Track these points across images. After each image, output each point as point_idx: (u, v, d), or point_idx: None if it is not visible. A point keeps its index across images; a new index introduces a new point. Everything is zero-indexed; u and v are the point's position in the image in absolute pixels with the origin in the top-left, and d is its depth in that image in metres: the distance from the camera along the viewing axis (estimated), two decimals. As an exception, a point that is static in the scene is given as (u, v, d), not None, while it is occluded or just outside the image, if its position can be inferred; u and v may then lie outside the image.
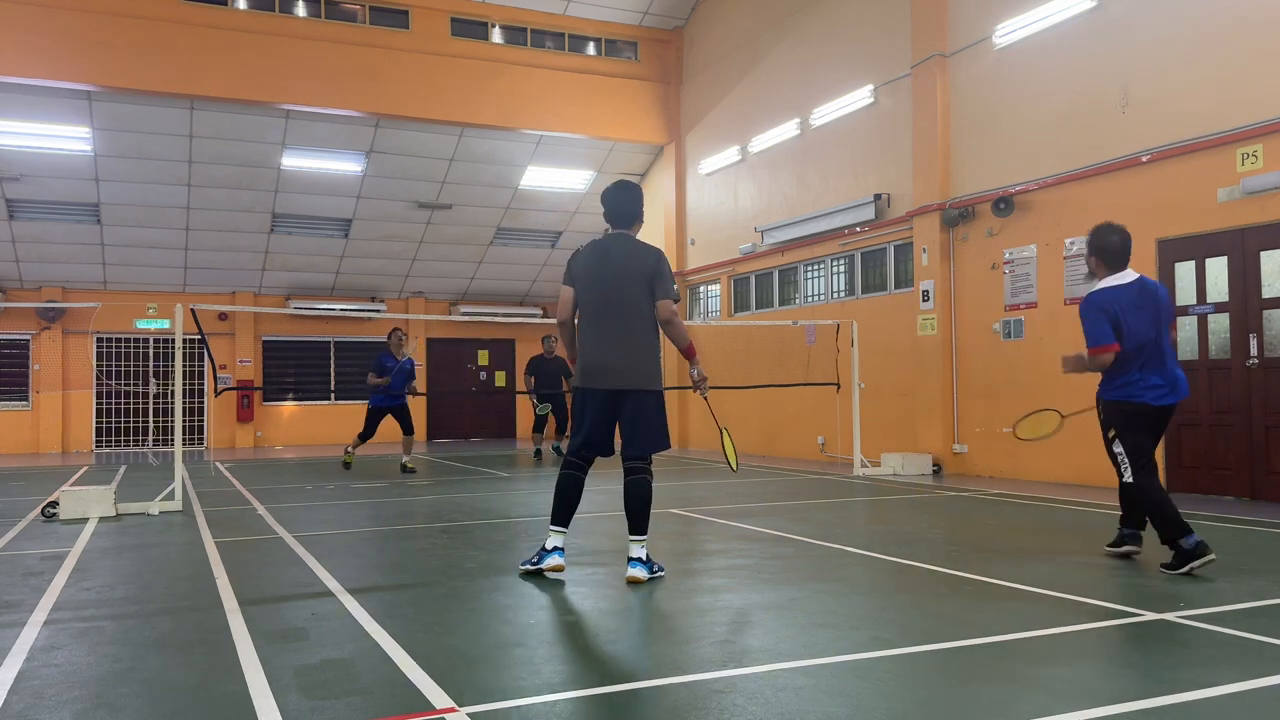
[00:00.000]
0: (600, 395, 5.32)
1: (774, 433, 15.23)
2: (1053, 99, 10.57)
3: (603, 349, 5.29)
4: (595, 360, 5.32)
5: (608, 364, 5.28)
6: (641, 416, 5.30)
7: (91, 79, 14.35)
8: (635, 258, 5.31)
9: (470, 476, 12.03)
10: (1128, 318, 5.55)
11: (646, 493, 5.29)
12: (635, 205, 5.50)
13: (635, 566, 5.23)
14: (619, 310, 5.28)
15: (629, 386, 5.28)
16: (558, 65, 17.29)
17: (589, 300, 5.37)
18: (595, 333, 5.33)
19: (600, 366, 5.30)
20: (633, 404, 5.30)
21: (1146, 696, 3.15)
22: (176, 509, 8.60)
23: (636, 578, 5.19)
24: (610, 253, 5.36)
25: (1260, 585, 4.92)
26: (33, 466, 14.78)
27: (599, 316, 5.33)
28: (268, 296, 19.94)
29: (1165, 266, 9.44)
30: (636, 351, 5.29)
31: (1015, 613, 4.41)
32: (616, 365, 5.27)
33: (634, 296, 5.27)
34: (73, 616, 4.56)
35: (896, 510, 8.33)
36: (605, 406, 5.33)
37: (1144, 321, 5.55)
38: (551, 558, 5.38)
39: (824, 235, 14.07)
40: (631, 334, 5.28)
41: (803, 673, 3.49)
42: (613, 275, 5.30)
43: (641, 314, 5.29)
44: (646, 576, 5.24)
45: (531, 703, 3.19)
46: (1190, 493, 9.15)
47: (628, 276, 5.28)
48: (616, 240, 5.42)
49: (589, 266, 5.39)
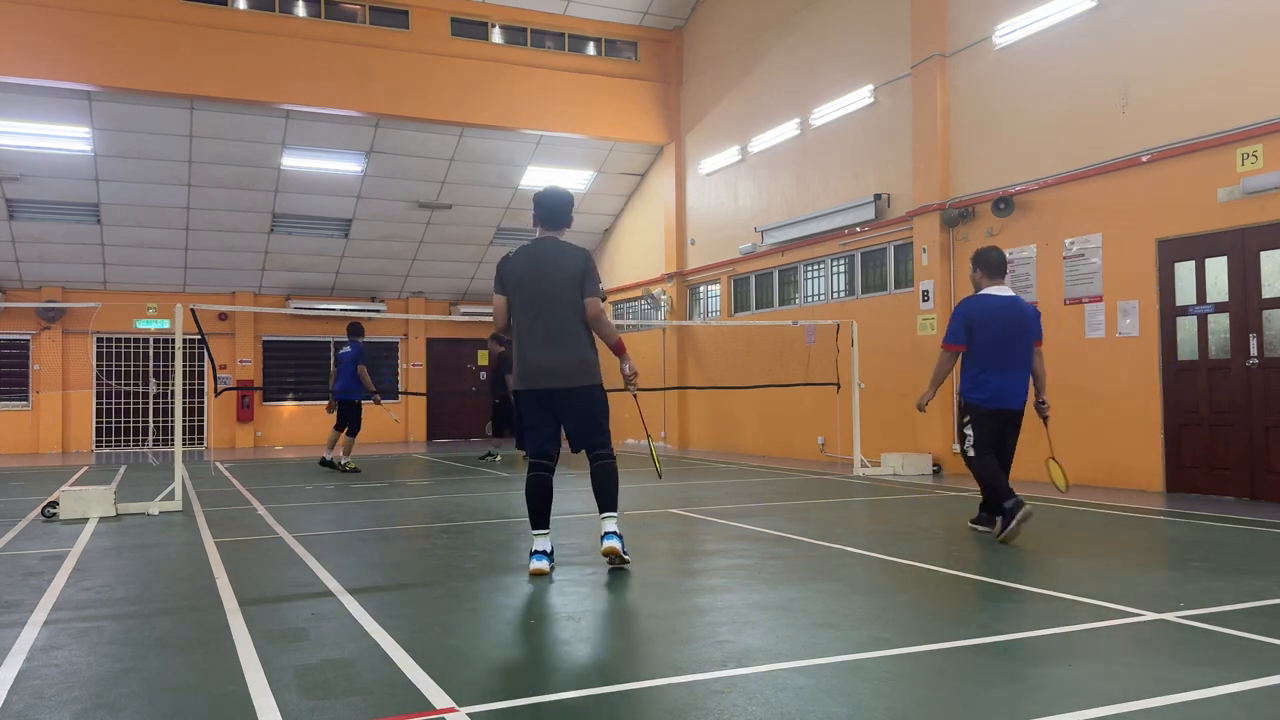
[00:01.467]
0: (543, 396, 5.47)
1: (774, 433, 15.23)
2: (1053, 99, 10.57)
3: (541, 351, 5.44)
4: (535, 362, 5.46)
5: (546, 365, 5.43)
6: (587, 410, 5.50)
7: (91, 79, 14.35)
8: (565, 259, 5.51)
9: (470, 476, 12.03)
10: (984, 327, 6.43)
11: (612, 475, 5.53)
12: (566, 210, 5.72)
13: (611, 539, 5.46)
14: (553, 311, 5.44)
15: (570, 384, 5.45)
16: (558, 65, 17.29)
17: (524, 304, 5.50)
18: (532, 335, 5.47)
19: (540, 368, 5.45)
20: (576, 399, 5.47)
21: (1146, 696, 3.15)
22: (176, 509, 8.60)
23: (613, 548, 5.44)
24: (542, 257, 5.53)
25: (1260, 585, 4.92)
26: (33, 466, 14.78)
27: (534, 319, 5.47)
28: (268, 296, 19.95)
29: (1165, 266, 9.44)
30: (573, 349, 5.45)
31: (1015, 613, 4.41)
32: (555, 365, 5.43)
33: (566, 296, 5.44)
34: (73, 616, 4.56)
35: (896, 510, 8.33)
36: (548, 406, 5.49)
37: (1001, 334, 6.39)
38: (534, 562, 5.43)
39: (824, 235, 14.07)
40: (567, 333, 5.44)
41: (803, 673, 3.49)
42: (545, 278, 5.46)
43: (575, 313, 5.46)
44: (621, 547, 5.47)
45: (531, 703, 3.19)
46: (1190, 493, 9.15)
47: (559, 278, 5.45)
48: (547, 244, 5.59)
49: (522, 271, 5.52)
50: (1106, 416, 9.93)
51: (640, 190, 19.63)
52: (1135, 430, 9.66)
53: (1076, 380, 10.24)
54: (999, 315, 6.47)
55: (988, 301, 6.53)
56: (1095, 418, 10.03)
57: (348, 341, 12.97)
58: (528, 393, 5.49)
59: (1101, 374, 9.99)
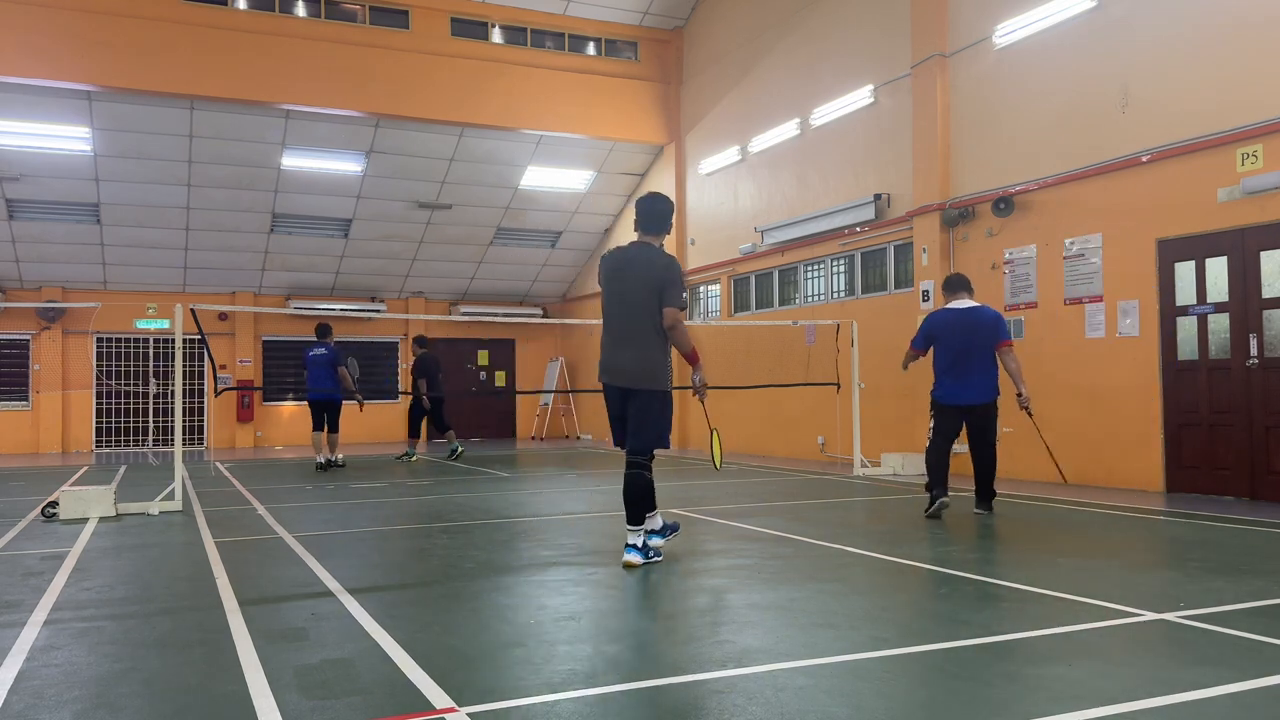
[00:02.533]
0: (615, 391, 5.74)
1: (774, 433, 15.23)
2: (1053, 99, 10.57)
3: (614, 349, 5.71)
4: (608, 359, 5.76)
5: (617, 364, 5.69)
6: (642, 415, 5.65)
7: (91, 79, 14.35)
8: (649, 265, 5.65)
9: (470, 476, 12.03)
10: (942, 335, 7.73)
11: (640, 487, 5.64)
12: (661, 215, 5.86)
13: (630, 552, 5.63)
14: (629, 314, 5.65)
15: (633, 386, 5.64)
16: (558, 65, 17.29)
17: (607, 302, 5.81)
18: (609, 333, 5.77)
19: (611, 365, 5.73)
20: (636, 402, 5.65)
21: (1146, 696, 3.15)
22: (176, 509, 8.60)
23: (630, 562, 5.59)
24: (629, 260, 5.75)
25: (1260, 585, 4.92)
26: (33, 466, 14.78)
27: (613, 318, 5.74)
28: (268, 296, 19.95)
29: (1165, 266, 9.44)
30: (642, 353, 5.61)
31: (1015, 613, 4.41)
32: (624, 365, 5.66)
33: (643, 302, 5.60)
34: (73, 616, 4.56)
35: (896, 510, 8.33)
36: (619, 402, 5.73)
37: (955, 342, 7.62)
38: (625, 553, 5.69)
39: (824, 235, 14.07)
40: (639, 336, 5.62)
41: (803, 673, 3.49)
42: (628, 280, 5.68)
43: (649, 319, 5.60)
44: (641, 561, 5.61)
45: (531, 703, 3.19)
46: (1190, 493, 9.15)
47: (640, 283, 5.62)
48: (637, 248, 5.79)
49: (610, 271, 5.81)
50: (1106, 416, 9.93)
51: (640, 190, 19.61)
52: (1135, 430, 9.66)
53: (1076, 380, 10.24)
54: (955, 326, 7.70)
55: (947, 315, 7.80)
56: (1095, 418, 10.03)
57: (318, 343, 13.22)
58: (606, 387, 5.79)
59: (1101, 374, 9.99)
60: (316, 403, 13.21)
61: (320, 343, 13.28)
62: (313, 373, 13.12)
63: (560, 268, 21.51)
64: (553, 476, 11.94)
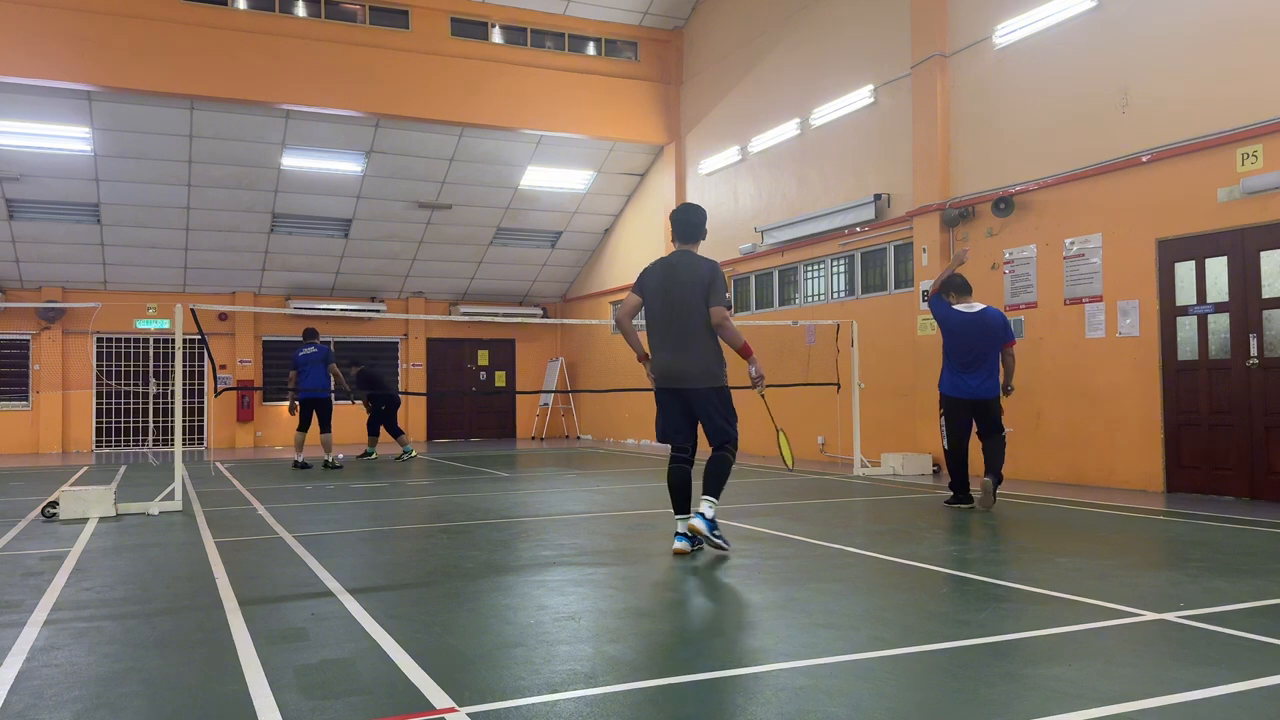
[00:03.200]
0: (673, 394, 6.09)
1: (774, 432, 15.20)
2: (1053, 99, 10.57)
3: (670, 354, 6.04)
4: (665, 365, 6.07)
5: (674, 368, 6.03)
6: (709, 411, 6.04)
7: (91, 79, 14.35)
8: (694, 270, 6.04)
9: (470, 476, 12.03)
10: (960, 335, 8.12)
11: (725, 466, 6.02)
12: (698, 224, 6.32)
13: (697, 518, 5.89)
14: (682, 318, 5.99)
15: (693, 386, 6.02)
16: (558, 65, 17.29)
17: (656, 310, 6.10)
18: (663, 339, 6.07)
19: (669, 370, 6.05)
20: (700, 402, 6.04)
21: (1146, 696, 3.15)
22: (176, 509, 8.60)
23: (695, 527, 5.88)
24: (675, 267, 6.11)
25: (1260, 585, 4.92)
26: (33, 466, 14.78)
27: (665, 325, 6.05)
28: (268, 296, 19.95)
29: (1165, 266, 9.44)
30: (698, 354, 5.98)
31: (1015, 613, 4.41)
32: (681, 369, 6.01)
33: (693, 304, 5.97)
34: (73, 616, 4.56)
35: (896, 510, 8.33)
36: (678, 402, 6.09)
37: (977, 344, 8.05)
38: (676, 542, 6.03)
39: (824, 235, 14.07)
40: (694, 338, 5.98)
41: (803, 673, 3.49)
42: (676, 287, 6.02)
43: (700, 320, 5.97)
44: (705, 529, 5.86)
45: (531, 703, 3.19)
46: (1190, 493, 9.15)
47: (689, 288, 5.98)
48: (680, 256, 6.18)
49: (656, 280, 6.14)
50: (1106, 416, 9.93)
51: (640, 190, 19.62)
52: (1135, 430, 9.66)
53: (1076, 380, 10.24)
54: (972, 330, 8.09)
55: (963, 319, 8.15)
56: (1095, 418, 10.03)
57: (308, 343, 13.32)
58: (662, 390, 6.12)
59: (1101, 374, 9.99)
60: (308, 402, 13.22)
61: (309, 343, 13.33)
62: (307, 371, 13.12)
63: (560, 268, 21.51)
64: (553, 476, 11.94)
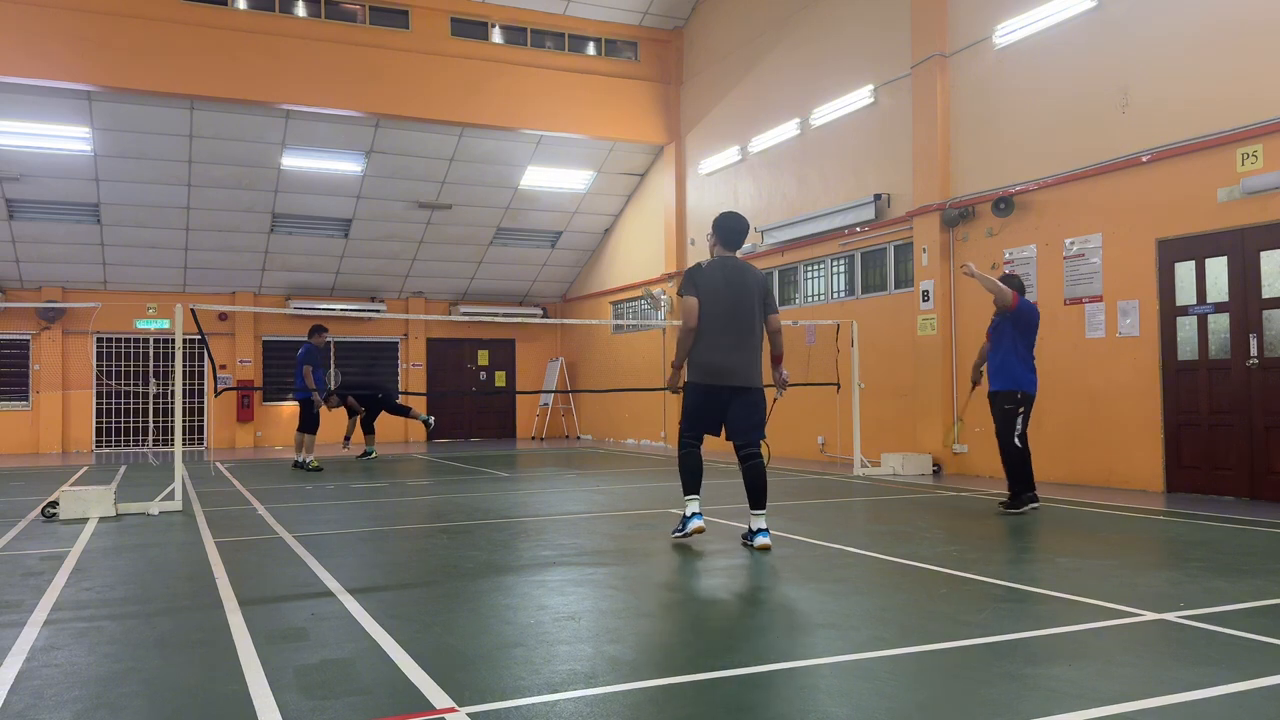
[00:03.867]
0: (724, 390, 6.25)
1: (774, 433, 15.17)
2: (1053, 99, 10.57)
3: (726, 353, 6.22)
4: (720, 363, 6.23)
5: (732, 365, 6.22)
6: (753, 409, 6.30)
7: (91, 79, 14.35)
8: (753, 278, 6.38)
9: (470, 476, 12.03)
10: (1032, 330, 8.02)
11: (762, 474, 6.23)
12: (746, 232, 6.61)
13: (764, 536, 6.14)
14: (744, 321, 6.26)
15: (750, 384, 6.27)
16: (558, 65, 17.29)
17: (718, 311, 6.23)
18: (723, 339, 6.23)
19: (725, 367, 6.23)
20: (747, 397, 6.27)
21: (1146, 696, 3.15)
22: (176, 509, 8.60)
23: (766, 545, 6.10)
24: (735, 271, 6.34)
25: (1260, 585, 4.92)
26: (33, 466, 14.78)
27: (727, 325, 6.23)
28: (268, 296, 19.95)
29: (1165, 266, 9.44)
30: (755, 355, 6.32)
31: (1015, 613, 4.41)
32: (738, 366, 6.24)
33: (753, 309, 6.31)
34: (73, 616, 4.56)
35: (896, 510, 8.33)
36: (719, 399, 6.28)
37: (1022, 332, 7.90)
38: (694, 521, 6.31)
39: (824, 235, 14.07)
40: (752, 340, 6.30)
41: (803, 673, 3.49)
42: (740, 290, 6.28)
43: (758, 324, 6.34)
44: (770, 543, 6.14)
45: (531, 703, 3.19)
46: (1190, 493, 9.15)
47: (749, 293, 6.30)
48: (736, 262, 6.42)
49: (718, 282, 6.27)
50: (1106, 416, 9.93)
51: (640, 190, 19.62)
52: (1135, 430, 9.66)
53: (1076, 380, 10.24)
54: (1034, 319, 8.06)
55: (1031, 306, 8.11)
56: (1095, 418, 10.03)
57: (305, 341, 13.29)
58: (707, 387, 6.27)
59: (1101, 374, 9.99)
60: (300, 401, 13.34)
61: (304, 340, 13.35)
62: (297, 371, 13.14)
63: (560, 268, 21.51)
64: (553, 476, 11.94)
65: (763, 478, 6.22)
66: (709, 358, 6.25)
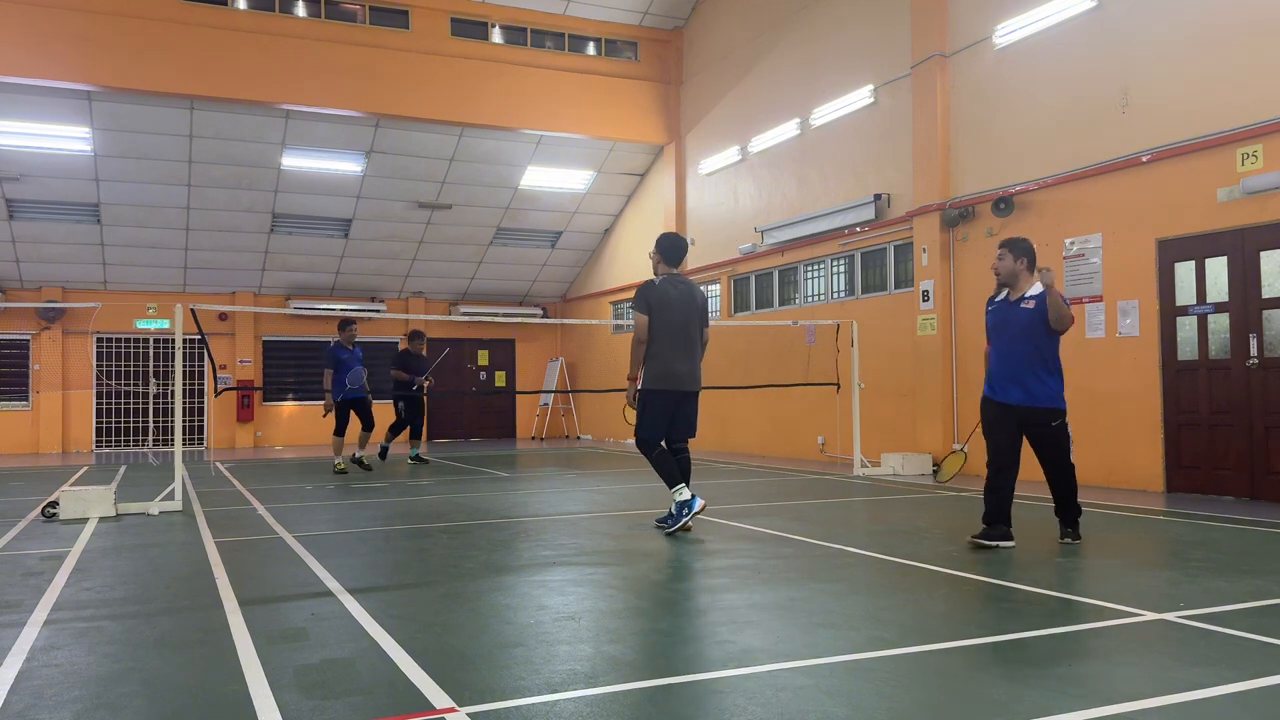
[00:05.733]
0: (678, 396, 7.01)
1: (774, 433, 15.23)
2: (1053, 99, 10.56)
3: (685, 361, 7.00)
4: (681, 371, 6.98)
5: (688, 372, 7.03)
6: (695, 411, 7.22)
7: (91, 79, 14.35)
8: (697, 293, 7.20)
9: (470, 476, 12.03)
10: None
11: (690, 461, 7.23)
12: (686, 249, 7.42)
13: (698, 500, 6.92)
14: (691, 333, 7.07)
15: (698, 388, 7.15)
16: (558, 65, 17.29)
17: (673, 324, 6.97)
18: (678, 348, 6.98)
19: (686, 375, 7.01)
20: (693, 403, 7.16)
21: (1146, 696, 3.15)
22: (176, 509, 8.60)
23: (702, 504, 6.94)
24: (684, 289, 7.11)
25: (1260, 585, 4.92)
26: (33, 466, 14.78)
27: (680, 337, 6.99)
28: (268, 296, 19.95)
29: (1165, 266, 9.44)
30: (699, 363, 7.18)
31: (1015, 613, 4.41)
32: (693, 373, 7.09)
33: (696, 322, 7.12)
34: (73, 616, 4.56)
35: (896, 510, 8.33)
36: (673, 404, 7.01)
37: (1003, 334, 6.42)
38: (696, 503, 6.84)
39: (824, 235, 14.07)
40: (696, 349, 7.14)
41: (803, 673, 3.49)
42: (690, 305, 7.08)
43: (699, 335, 7.15)
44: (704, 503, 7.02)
45: (531, 703, 3.19)
46: (1190, 493, 9.15)
47: (694, 307, 7.11)
48: (682, 279, 7.20)
49: (671, 298, 6.99)
50: (1106, 416, 9.92)
51: (640, 190, 19.63)
52: (1135, 430, 9.66)
53: (1077, 380, 10.22)
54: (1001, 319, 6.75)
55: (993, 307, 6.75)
56: (1095, 418, 10.02)
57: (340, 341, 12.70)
58: (669, 392, 6.97)
59: (1101, 374, 9.98)
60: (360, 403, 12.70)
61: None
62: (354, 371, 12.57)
63: (560, 268, 21.51)
64: (553, 476, 11.94)
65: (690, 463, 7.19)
66: (669, 366, 6.94)
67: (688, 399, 7.10)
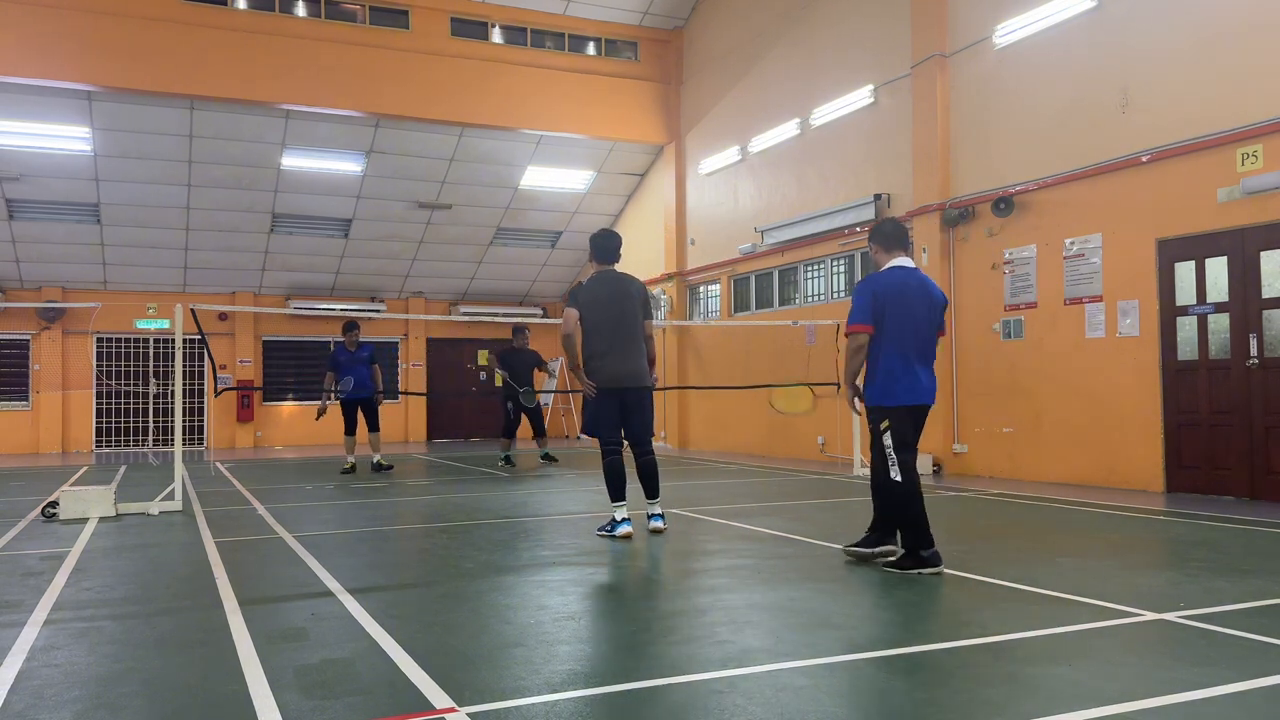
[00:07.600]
0: (619, 393, 6.79)
1: (774, 433, 15.22)
2: (1053, 99, 10.56)
3: (623, 359, 6.79)
4: (616, 368, 6.77)
5: (626, 370, 6.79)
6: (647, 407, 6.92)
7: (91, 79, 14.35)
8: (635, 288, 6.98)
9: (470, 476, 12.03)
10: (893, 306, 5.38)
11: (656, 467, 6.99)
12: (619, 247, 7.13)
13: (657, 520, 6.91)
14: (630, 328, 6.84)
15: (641, 385, 6.85)
16: (558, 65, 17.29)
17: (605, 320, 6.79)
18: (615, 345, 6.78)
19: (622, 372, 6.78)
20: (640, 399, 6.86)
21: (1146, 696, 3.15)
22: (176, 509, 8.60)
23: (659, 529, 6.86)
24: (618, 284, 6.94)
25: (1260, 585, 4.92)
26: (33, 466, 14.78)
27: (617, 333, 6.79)
28: (268, 296, 19.95)
29: (1165, 266, 9.44)
30: (641, 358, 6.88)
31: (1015, 613, 4.41)
32: (632, 370, 6.81)
33: (634, 316, 6.89)
34: (73, 616, 4.56)
35: (896, 510, 8.31)
36: (618, 401, 6.81)
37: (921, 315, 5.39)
38: (623, 527, 6.69)
39: (824, 235, 14.07)
40: (637, 345, 6.87)
41: (803, 673, 3.49)
42: (625, 300, 6.87)
43: (639, 329, 6.90)
44: (663, 525, 6.92)
45: (531, 703, 3.19)
46: (1190, 493, 9.15)
47: (631, 302, 6.89)
48: (616, 274, 7.02)
49: (600, 295, 6.85)
50: (1106, 416, 9.93)
51: (640, 190, 19.63)
52: (1135, 430, 9.66)
53: (1076, 380, 10.24)
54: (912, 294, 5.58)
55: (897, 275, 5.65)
56: (1095, 418, 10.03)
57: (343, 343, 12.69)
58: (609, 391, 6.78)
59: (1101, 374, 9.99)
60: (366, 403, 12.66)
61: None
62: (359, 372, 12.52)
63: (560, 268, 21.51)
64: (553, 476, 11.94)
65: (655, 470, 6.95)
66: (606, 364, 6.79)
67: (632, 396, 6.80)
